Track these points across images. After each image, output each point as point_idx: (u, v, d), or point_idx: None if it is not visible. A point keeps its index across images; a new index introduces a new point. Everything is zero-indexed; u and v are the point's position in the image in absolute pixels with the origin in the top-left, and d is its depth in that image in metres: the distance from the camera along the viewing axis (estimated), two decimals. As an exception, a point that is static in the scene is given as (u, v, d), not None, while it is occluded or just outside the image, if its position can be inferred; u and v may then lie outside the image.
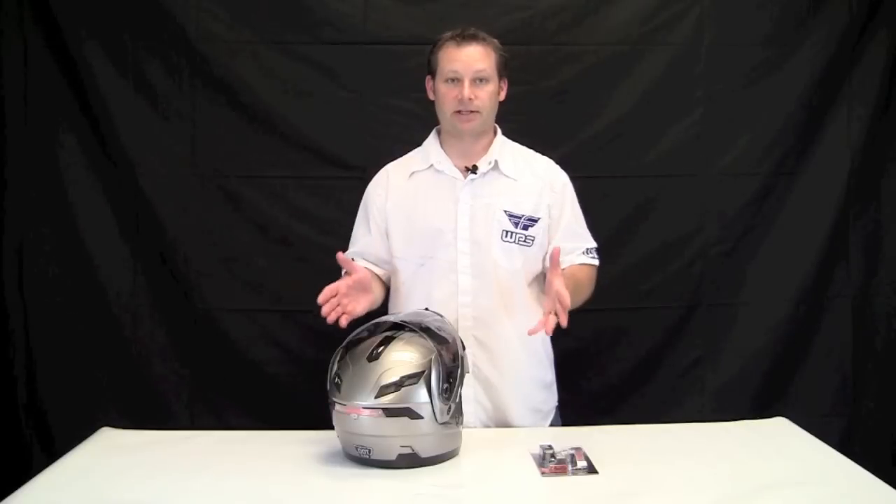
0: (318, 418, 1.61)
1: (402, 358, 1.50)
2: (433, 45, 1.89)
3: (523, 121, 2.52)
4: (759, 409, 2.52)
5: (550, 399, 1.98)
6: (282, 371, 2.59)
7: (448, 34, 1.86)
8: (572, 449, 1.53)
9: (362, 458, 1.50)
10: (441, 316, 1.67)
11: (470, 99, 1.80)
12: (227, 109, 2.55)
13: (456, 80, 1.81)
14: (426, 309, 1.73)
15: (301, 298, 2.55)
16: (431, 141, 1.95)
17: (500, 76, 1.87)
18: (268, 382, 2.60)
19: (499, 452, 1.60)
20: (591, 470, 1.49)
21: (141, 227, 2.58)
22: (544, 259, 1.87)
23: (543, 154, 2.02)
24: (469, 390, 1.78)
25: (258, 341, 2.60)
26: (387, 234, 1.93)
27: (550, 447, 1.54)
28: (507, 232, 1.85)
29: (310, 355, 2.56)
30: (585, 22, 2.57)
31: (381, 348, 1.51)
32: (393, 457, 1.48)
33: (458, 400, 1.54)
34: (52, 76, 2.53)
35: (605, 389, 2.63)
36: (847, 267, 2.67)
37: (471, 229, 1.85)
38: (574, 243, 1.89)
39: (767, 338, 2.65)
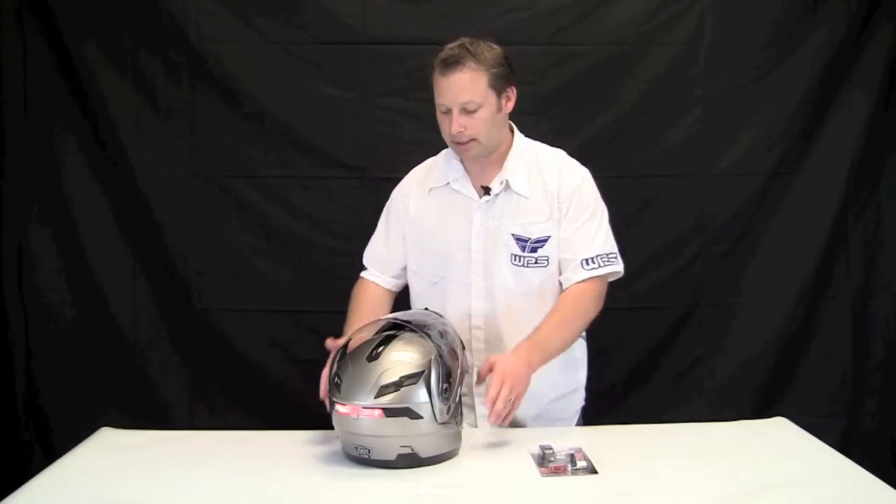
0: (318, 418, 1.61)
1: (401, 358, 1.49)
2: (431, 62, 1.76)
3: (523, 121, 2.52)
4: (759, 409, 2.52)
5: (571, 405, 1.94)
6: (282, 371, 2.59)
7: (440, 55, 1.72)
8: (572, 449, 1.53)
9: (362, 458, 1.49)
10: (441, 315, 1.67)
11: (459, 131, 1.71)
12: (226, 109, 2.56)
13: (448, 111, 1.72)
14: (426, 309, 1.72)
15: (301, 298, 2.57)
16: (450, 156, 1.86)
17: (500, 91, 1.75)
18: (268, 382, 2.60)
19: (499, 452, 1.60)
20: (591, 470, 1.49)
21: (140, 227, 2.58)
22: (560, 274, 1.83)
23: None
24: (481, 410, 1.78)
25: (258, 341, 2.60)
26: (404, 241, 1.90)
27: (550, 447, 1.53)
28: (515, 256, 1.79)
29: (310, 355, 2.55)
30: (585, 22, 2.57)
31: (381, 348, 1.51)
32: (392, 457, 1.48)
33: (457, 400, 1.53)
34: (51, 76, 2.54)
35: (605, 389, 2.63)
36: (846, 267, 2.67)
37: (484, 252, 1.81)
38: (571, 254, 1.79)
39: (767, 338, 2.65)
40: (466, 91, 1.70)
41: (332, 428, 1.55)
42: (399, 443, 1.47)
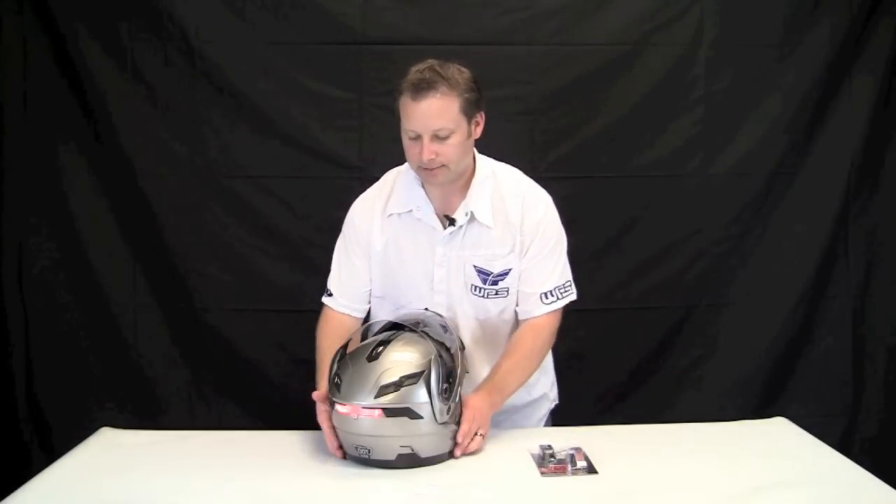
0: (318, 418, 1.61)
1: (401, 358, 1.49)
2: (398, 85, 1.70)
3: (523, 121, 2.53)
4: (759, 409, 2.53)
5: (536, 412, 1.93)
6: (282, 371, 2.59)
7: (409, 78, 1.65)
8: (572, 449, 1.53)
9: (362, 458, 1.50)
10: (441, 316, 1.67)
11: (431, 158, 1.64)
12: (226, 109, 2.56)
13: (417, 138, 1.65)
14: (426, 309, 1.72)
15: (301, 298, 2.56)
16: (411, 181, 1.78)
17: (470, 117, 1.67)
18: (268, 382, 2.60)
19: (499, 452, 1.60)
20: (591, 470, 1.49)
21: (141, 227, 2.58)
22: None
23: (542, 156, 1.98)
24: None
25: (258, 341, 2.60)
26: (369, 265, 1.84)
27: (550, 447, 1.54)
28: (475, 287, 1.77)
29: (310, 355, 2.55)
30: (585, 22, 2.57)
31: (381, 348, 1.51)
32: (392, 457, 1.48)
33: (457, 400, 1.53)
34: (51, 75, 2.53)
35: (605, 389, 2.63)
36: (847, 266, 2.67)
37: (447, 281, 1.78)
38: (530, 287, 1.77)
39: (767, 338, 2.66)
40: (439, 117, 1.63)
41: (331, 428, 1.56)
42: (399, 443, 1.47)
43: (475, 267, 1.76)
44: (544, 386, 1.96)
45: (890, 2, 2.58)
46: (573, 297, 1.82)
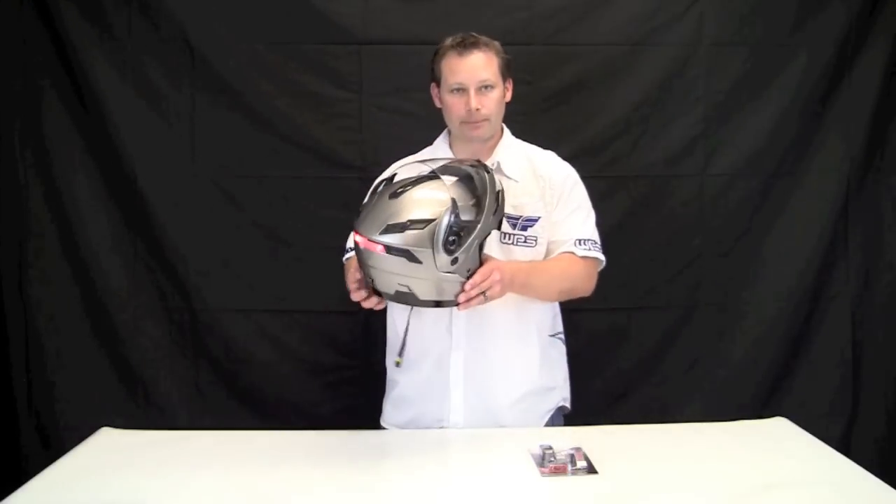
0: (319, 418, 1.62)
1: (417, 202, 1.52)
2: (435, 52, 1.87)
3: (523, 121, 2.52)
4: (759, 409, 2.52)
5: (547, 402, 1.95)
6: (282, 371, 2.59)
7: (449, 41, 1.83)
8: (572, 449, 1.53)
9: (369, 285, 1.56)
10: (489, 171, 1.65)
11: (477, 109, 1.79)
12: (226, 109, 2.55)
13: (462, 91, 1.81)
14: (477, 161, 1.71)
15: (301, 298, 2.57)
16: (441, 142, 1.95)
17: (505, 78, 1.86)
18: (268, 382, 2.60)
19: (498, 452, 1.60)
20: (591, 470, 1.49)
21: (141, 227, 2.58)
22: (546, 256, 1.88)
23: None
24: (459, 392, 1.80)
25: (258, 341, 2.60)
26: None
27: (550, 447, 1.54)
28: (504, 234, 1.83)
29: (310, 355, 2.56)
30: (585, 22, 2.57)
31: (406, 189, 1.54)
32: (391, 291, 1.54)
33: (470, 253, 1.54)
34: (50, 75, 2.53)
35: (605, 389, 2.63)
36: (847, 267, 2.67)
37: None
38: (564, 236, 1.87)
39: (767, 338, 2.65)
40: (485, 69, 1.80)
41: (332, 428, 1.56)
42: (398, 280, 1.52)
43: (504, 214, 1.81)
44: (556, 378, 1.97)
45: (890, 2, 2.58)
46: (603, 259, 1.91)
